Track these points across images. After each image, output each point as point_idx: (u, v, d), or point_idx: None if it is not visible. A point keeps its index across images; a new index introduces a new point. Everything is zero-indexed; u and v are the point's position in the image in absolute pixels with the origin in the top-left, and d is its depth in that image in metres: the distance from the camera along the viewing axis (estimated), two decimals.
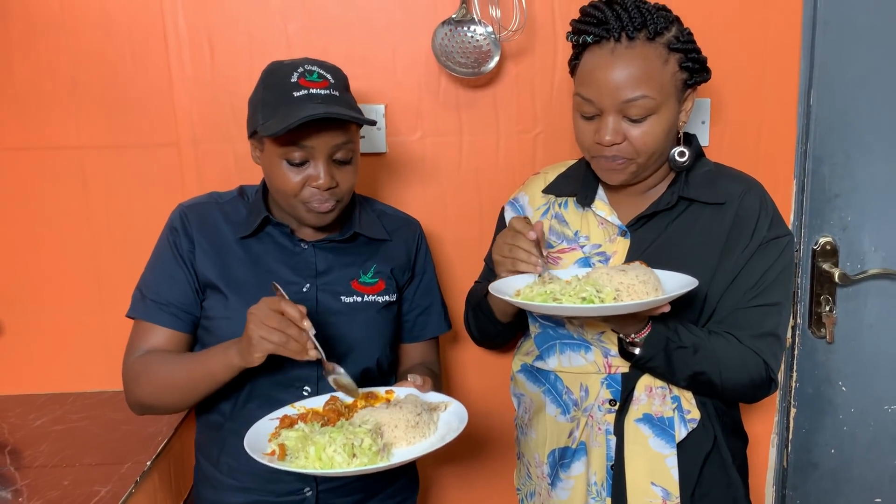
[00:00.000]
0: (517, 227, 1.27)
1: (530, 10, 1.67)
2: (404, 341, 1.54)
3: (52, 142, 1.70)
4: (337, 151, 1.30)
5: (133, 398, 1.35)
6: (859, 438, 1.91)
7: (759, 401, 1.37)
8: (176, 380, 1.29)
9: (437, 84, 1.71)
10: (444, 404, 1.29)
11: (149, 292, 1.37)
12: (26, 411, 1.67)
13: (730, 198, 1.32)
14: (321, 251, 1.40)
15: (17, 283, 1.75)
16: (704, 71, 1.29)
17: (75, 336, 1.76)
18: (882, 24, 1.71)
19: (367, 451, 1.11)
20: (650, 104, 1.22)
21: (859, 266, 1.82)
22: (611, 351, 1.32)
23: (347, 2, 1.67)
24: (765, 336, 1.29)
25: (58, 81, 1.67)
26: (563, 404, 1.39)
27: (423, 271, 1.53)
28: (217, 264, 1.36)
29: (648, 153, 1.26)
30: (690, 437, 1.32)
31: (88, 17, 1.65)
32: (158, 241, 1.41)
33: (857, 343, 1.86)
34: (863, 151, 1.77)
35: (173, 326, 1.36)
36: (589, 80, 1.25)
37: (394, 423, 1.19)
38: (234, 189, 1.46)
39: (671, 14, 1.27)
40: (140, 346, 1.36)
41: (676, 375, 1.28)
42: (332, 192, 1.30)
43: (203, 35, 1.67)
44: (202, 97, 1.69)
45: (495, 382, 1.82)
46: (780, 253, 1.31)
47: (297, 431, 1.17)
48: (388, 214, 1.52)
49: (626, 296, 1.15)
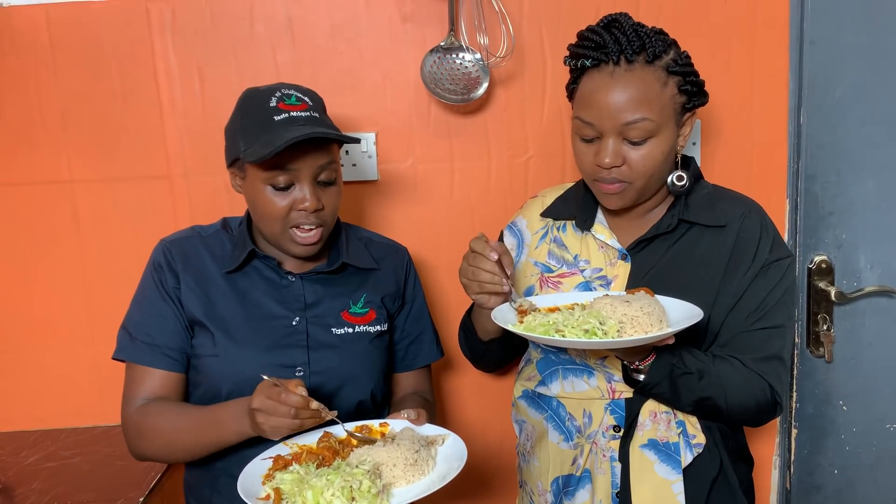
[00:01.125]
0: (476, 249, 1.24)
1: (518, 36, 1.68)
2: (397, 370, 1.52)
3: (42, 176, 1.70)
4: (321, 172, 1.29)
5: (138, 451, 1.33)
6: (862, 458, 1.88)
7: (764, 424, 1.35)
8: (181, 441, 1.27)
9: (427, 111, 1.72)
10: (442, 437, 1.26)
11: (139, 333, 1.33)
12: (18, 448, 1.66)
13: (730, 220, 1.32)
14: (309, 283, 1.38)
15: (8, 318, 1.74)
16: (702, 94, 1.29)
17: (67, 371, 1.75)
18: (868, 43, 1.72)
19: (367, 493, 1.08)
20: (650, 126, 1.22)
21: (855, 284, 1.81)
22: (614, 376, 1.31)
23: (336, 31, 1.68)
24: (769, 359, 1.28)
25: (48, 116, 1.68)
26: (565, 431, 1.37)
27: (412, 298, 1.51)
28: (203, 301, 1.33)
29: (647, 176, 1.26)
30: (696, 462, 1.30)
31: (78, 52, 1.66)
32: (143, 279, 1.38)
33: (857, 361, 1.85)
34: (854, 169, 1.77)
35: (169, 368, 1.32)
36: (588, 103, 1.25)
37: (392, 461, 1.15)
38: (217, 222, 1.44)
39: (669, 37, 1.28)
40: (138, 393, 1.32)
41: (682, 401, 1.26)
42: (318, 214, 1.29)
43: (193, 67, 1.67)
44: (193, 129, 1.69)
45: (494, 409, 1.81)
46: (782, 275, 1.30)
47: (293, 474, 1.13)
48: (375, 242, 1.50)
49: (631, 328, 1.13)
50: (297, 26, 1.68)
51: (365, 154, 1.71)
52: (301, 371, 1.33)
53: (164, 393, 1.32)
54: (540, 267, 1.40)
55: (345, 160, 1.71)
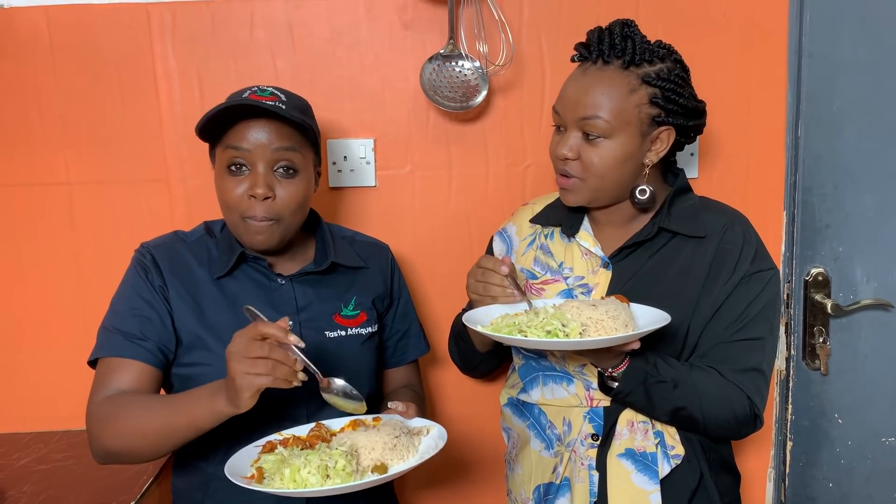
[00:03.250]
0: (486, 265, 1.26)
1: (517, 44, 1.68)
2: (387, 367, 1.53)
3: (40, 178, 1.70)
4: (279, 160, 1.27)
5: (98, 444, 1.22)
6: (857, 472, 1.88)
7: (743, 438, 1.34)
8: (151, 425, 1.17)
9: (425, 118, 1.72)
10: (427, 428, 1.27)
11: (119, 326, 1.27)
12: (10, 450, 1.65)
13: (711, 231, 1.32)
14: (299, 285, 1.36)
15: (2, 319, 1.74)
16: (684, 114, 1.27)
17: (61, 373, 1.74)
18: (866, 56, 1.73)
19: (341, 472, 1.10)
20: (603, 126, 1.24)
21: (852, 296, 1.81)
22: (592, 384, 1.31)
23: (336, 38, 1.69)
24: (748, 371, 1.27)
25: (46, 117, 1.68)
26: (546, 439, 1.37)
27: (399, 296, 1.51)
28: (193, 308, 1.30)
29: (598, 177, 1.27)
30: (675, 473, 1.29)
31: (78, 55, 1.66)
32: (124, 279, 1.33)
33: (853, 374, 1.84)
34: (851, 182, 1.77)
35: (147, 360, 1.24)
36: (561, 93, 1.31)
37: (371, 445, 1.17)
38: (199, 226, 1.41)
39: (668, 53, 1.28)
40: (107, 384, 1.23)
41: (657, 411, 1.26)
42: (268, 205, 1.25)
43: (193, 71, 1.68)
44: (191, 133, 1.65)
45: (484, 418, 1.79)
46: (763, 286, 1.29)
47: (277, 455, 1.16)
48: (358, 241, 1.49)
49: (594, 331, 1.14)
50: (298, 32, 1.68)
51: (363, 160, 1.71)
52: None
53: (138, 387, 1.24)
54: (525, 273, 1.41)
55: (343, 166, 1.71)
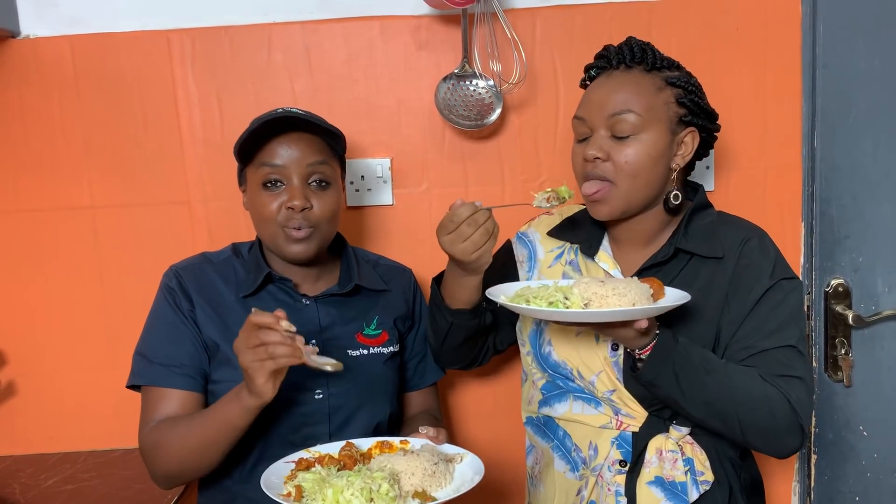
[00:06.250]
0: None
1: (530, 62, 1.70)
2: (407, 389, 1.53)
3: (65, 202, 1.73)
4: (313, 173, 1.32)
5: (157, 471, 1.29)
6: (884, 485, 1.85)
7: (788, 452, 1.24)
8: (195, 440, 1.23)
9: (441, 137, 1.74)
10: (460, 456, 1.27)
11: (155, 356, 1.32)
12: (38, 471, 1.67)
13: (729, 249, 1.29)
14: (323, 306, 1.39)
15: (29, 342, 1.77)
16: (705, 116, 1.29)
17: (87, 394, 1.77)
18: (881, 66, 1.72)
19: (385, 496, 1.09)
20: (635, 121, 1.23)
21: (873, 307, 1.80)
22: (621, 410, 1.29)
23: (352, 60, 1.71)
24: (789, 378, 1.21)
25: (71, 143, 1.72)
26: (571, 461, 1.35)
27: (420, 318, 1.53)
28: (220, 326, 1.33)
29: (631, 176, 1.25)
30: (704, 498, 1.26)
31: (101, 81, 1.70)
32: (155, 304, 1.37)
33: (877, 386, 1.82)
34: (870, 192, 1.76)
35: (188, 388, 1.30)
36: (583, 101, 1.31)
37: (411, 470, 1.16)
38: (227, 247, 1.45)
39: (682, 67, 1.30)
40: (154, 415, 1.29)
41: (688, 402, 1.19)
42: (306, 215, 1.31)
43: (213, 96, 1.71)
44: (212, 156, 1.72)
45: (500, 441, 1.80)
46: (784, 296, 1.26)
47: (315, 474, 1.15)
48: (382, 264, 1.52)
49: (596, 306, 1.13)
50: (314, 55, 1.71)
51: (380, 179, 1.73)
52: (320, 394, 1.34)
53: (183, 412, 1.30)
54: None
55: (360, 185, 1.73)
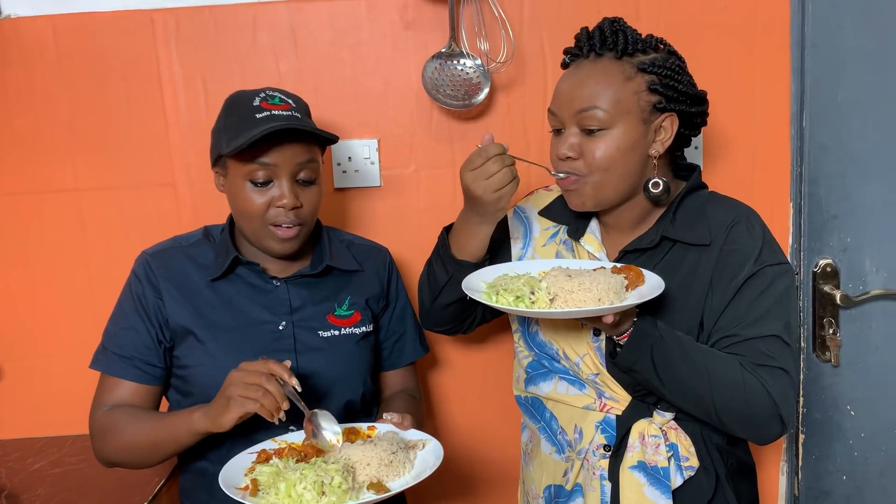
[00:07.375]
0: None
1: (518, 41, 1.69)
2: (384, 369, 1.54)
3: (49, 185, 1.72)
4: (301, 170, 1.31)
5: (100, 454, 1.34)
6: (871, 464, 1.86)
7: (768, 440, 1.22)
8: (139, 440, 1.28)
9: (428, 117, 1.73)
10: (423, 442, 1.27)
11: (110, 345, 1.36)
12: (24, 455, 1.67)
13: (716, 233, 1.26)
14: (294, 287, 1.39)
15: (15, 326, 1.76)
16: (686, 100, 1.25)
17: (73, 378, 1.74)
18: (870, 45, 1.72)
19: (337, 489, 1.11)
20: (602, 116, 1.21)
21: (861, 287, 1.80)
22: (605, 393, 1.28)
23: (337, 40, 1.70)
24: (771, 368, 1.18)
25: (54, 125, 1.70)
26: (557, 443, 1.35)
27: (396, 298, 1.52)
28: (189, 310, 1.34)
29: (602, 170, 1.23)
30: (690, 483, 1.25)
31: (84, 62, 1.68)
32: (123, 290, 1.39)
33: (864, 366, 1.83)
34: (858, 172, 1.76)
35: (138, 380, 1.34)
36: (555, 93, 1.29)
37: (366, 460, 1.18)
38: (198, 230, 1.45)
39: (660, 44, 1.27)
40: (106, 400, 1.34)
41: (667, 388, 1.19)
42: (296, 212, 1.31)
43: (197, 76, 1.69)
44: (197, 137, 1.71)
45: (486, 421, 1.81)
46: (768, 284, 1.22)
47: (272, 467, 1.17)
48: (356, 244, 1.51)
49: (562, 301, 1.16)
50: (300, 35, 1.69)
51: (367, 160, 1.72)
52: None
53: (133, 402, 1.34)
54: None
55: (347, 167, 1.72)
